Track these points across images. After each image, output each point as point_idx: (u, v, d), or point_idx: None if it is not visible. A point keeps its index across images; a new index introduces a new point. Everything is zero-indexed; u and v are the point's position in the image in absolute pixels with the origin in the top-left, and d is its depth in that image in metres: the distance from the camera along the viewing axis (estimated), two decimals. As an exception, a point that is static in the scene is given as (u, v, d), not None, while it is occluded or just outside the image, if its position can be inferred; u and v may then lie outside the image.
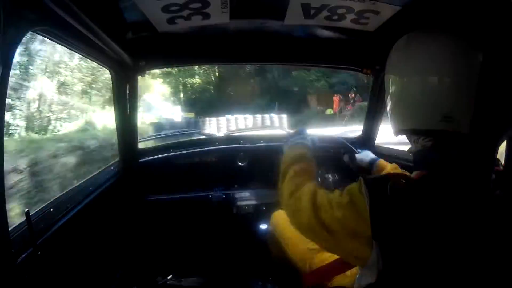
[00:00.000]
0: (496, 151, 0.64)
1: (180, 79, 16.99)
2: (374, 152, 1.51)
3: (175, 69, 13.78)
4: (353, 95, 14.43)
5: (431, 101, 0.70)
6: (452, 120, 0.69)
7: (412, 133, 0.77)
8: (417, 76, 0.73)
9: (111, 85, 1.48)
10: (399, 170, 1.25)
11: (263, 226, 1.60)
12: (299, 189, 0.76)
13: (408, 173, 0.77)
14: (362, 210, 0.64)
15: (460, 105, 0.69)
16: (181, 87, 17.36)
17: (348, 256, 0.74)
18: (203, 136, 2.05)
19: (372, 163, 1.40)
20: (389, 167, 1.29)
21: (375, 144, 1.85)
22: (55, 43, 0.96)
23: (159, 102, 15.36)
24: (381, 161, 1.38)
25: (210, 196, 1.66)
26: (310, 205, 0.70)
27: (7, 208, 0.66)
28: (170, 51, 1.49)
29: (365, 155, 1.47)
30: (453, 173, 0.65)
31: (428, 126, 0.72)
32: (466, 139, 0.67)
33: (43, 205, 0.96)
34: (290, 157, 0.88)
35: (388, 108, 0.81)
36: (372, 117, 1.79)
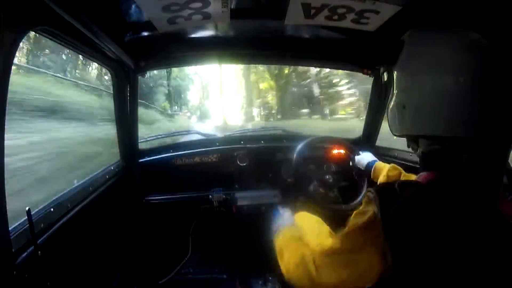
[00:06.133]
0: (508, 155, 0.63)
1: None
2: (374, 153, 1.50)
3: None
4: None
5: (448, 106, 0.64)
6: (467, 125, 0.64)
7: (423, 138, 0.72)
8: (433, 79, 0.66)
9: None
10: (398, 170, 1.24)
11: (263, 226, 1.59)
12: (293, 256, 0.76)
13: (413, 175, 0.75)
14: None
15: (474, 109, 0.64)
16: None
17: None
18: (204, 137, 2.05)
19: (370, 165, 1.39)
20: (387, 168, 1.29)
21: (376, 144, 1.85)
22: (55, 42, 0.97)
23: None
24: (379, 163, 1.37)
25: (210, 197, 1.66)
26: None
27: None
28: (171, 51, 1.49)
29: (363, 158, 1.45)
30: (464, 176, 0.64)
31: (440, 132, 0.66)
32: (477, 142, 0.65)
33: (44, 205, 0.96)
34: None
35: (394, 109, 0.74)
36: (372, 117, 1.79)
